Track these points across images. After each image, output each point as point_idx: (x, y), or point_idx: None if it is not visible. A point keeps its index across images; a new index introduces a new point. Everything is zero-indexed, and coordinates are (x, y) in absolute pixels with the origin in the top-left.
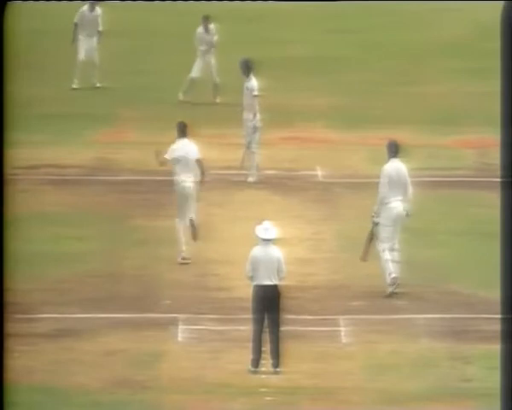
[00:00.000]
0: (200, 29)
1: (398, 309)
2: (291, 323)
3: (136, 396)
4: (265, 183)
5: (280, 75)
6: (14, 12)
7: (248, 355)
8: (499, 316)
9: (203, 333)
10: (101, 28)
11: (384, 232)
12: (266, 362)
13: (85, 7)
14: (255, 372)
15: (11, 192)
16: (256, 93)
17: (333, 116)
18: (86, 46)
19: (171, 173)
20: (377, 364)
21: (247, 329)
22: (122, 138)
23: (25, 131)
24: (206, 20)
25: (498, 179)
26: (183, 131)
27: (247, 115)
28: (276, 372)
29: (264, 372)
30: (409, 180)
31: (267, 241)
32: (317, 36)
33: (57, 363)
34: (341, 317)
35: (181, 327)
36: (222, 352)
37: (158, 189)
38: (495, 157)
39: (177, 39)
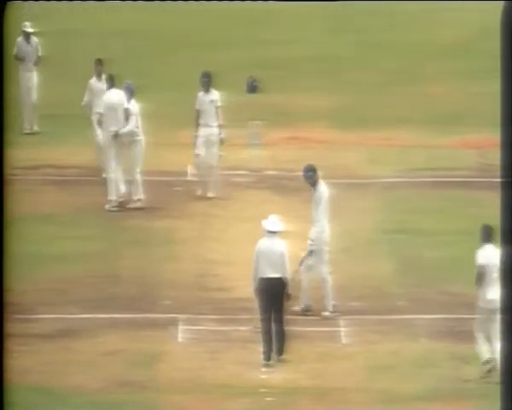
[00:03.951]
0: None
1: (398, 309)
2: (291, 323)
3: (136, 397)
4: (266, 183)
5: (280, 75)
6: (14, 12)
7: (248, 355)
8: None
9: (203, 333)
10: (40, 54)
11: (325, 255)
12: (265, 362)
13: (20, 38)
14: (267, 365)
15: (11, 192)
16: (220, 104)
17: (333, 116)
18: (25, 85)
19: (170, 174)
20: (377, 364)
21: (247, 329)
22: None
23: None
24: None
25: (498, 179)
26: (111, 82)
27: (209, 130)
28: (279, 360)
29: (264, 372)
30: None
31: (273, 233)
32: (317, 36)
33: (56, 363)
34: (341, 317)
35: (181, 327)
36: (222, 352)
37: (157, 189)
38: (495, 157)
39: (176, 39)
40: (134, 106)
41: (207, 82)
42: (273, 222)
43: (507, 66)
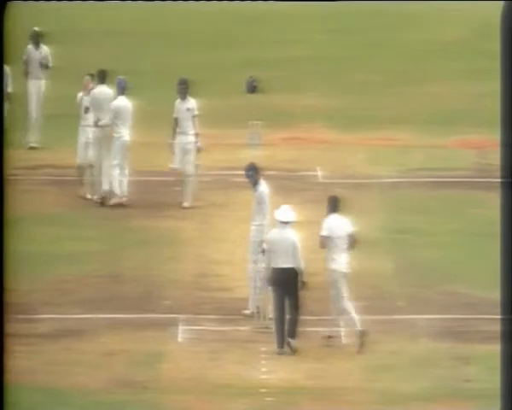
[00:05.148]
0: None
1: (398, 309)
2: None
3: (137, 397)
4: (266, 183)
5: (280, 75)
6: (14, 12)
7: (248, 355)
8: (499, 316)
9: (203, 333)
10: (49, 64)
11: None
12: (265, 362)
13: (30, 46)
14: (280, 353)
15: (11, 192)
16: (196, 112)
17: (333, 116)
18: (33, 94)
19: (171, 174)
20: (377, 364)
21: (247, 329)
22: None
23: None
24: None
25: (498, 180)
26: (103, 77)
27: (185, 138)
28: (288, 344)
29: (264, 372)
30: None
31: (285, 224)
32: (317, 36)
33: (57, 363)
34: (341, 317)
35: (181, 327)
36: (222, 352)
37: (158, 189)
38: (495, 158)
39: (177, 39)
40: (122, 102)
41: (184, 89)
42: (285, 212)
43: (507, 66)
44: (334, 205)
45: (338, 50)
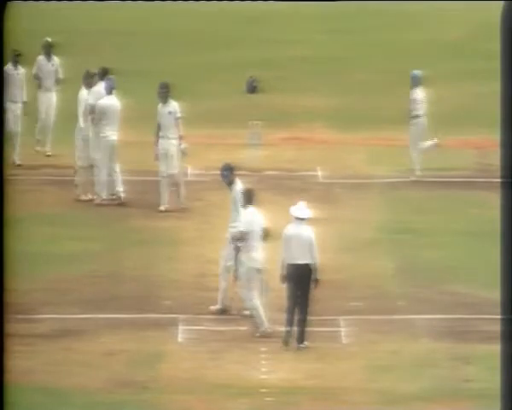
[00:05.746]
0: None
1: (399, 309)
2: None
3: (137, 397)
4: (266, 183)
5: (280, 75)
6: (14, 12)
7: (248, 355)
8: (499, 316)
9: (203, 333)
10: (61, 76)
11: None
12: (265, 362)
13: (41, 56)
14: (286, 344)
15: (11, 192)
16: (179, 115)
17: (333, 117)
18: (44, 106)
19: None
20: (377, 364)
21: (247, 329)
22: (121, 138)
23: (25, 132)
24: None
25: (498, 180)
26: (104, 75)
27: (168, 142)
28: (299, 348)
29: (264, 372)
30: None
31: (301, 220)
32: (317, 36)
33: (57, 363)
34: (342, 317)
35: (181, 327)
36: (222, 352)
37: (158, 189)
38: (495, 157)
39: (176, 39)
40: (108, 101)
41: (165, 93)
42: (301, 209)
43: (507, 66)
44: (250, 198)
45: (338, 50)
